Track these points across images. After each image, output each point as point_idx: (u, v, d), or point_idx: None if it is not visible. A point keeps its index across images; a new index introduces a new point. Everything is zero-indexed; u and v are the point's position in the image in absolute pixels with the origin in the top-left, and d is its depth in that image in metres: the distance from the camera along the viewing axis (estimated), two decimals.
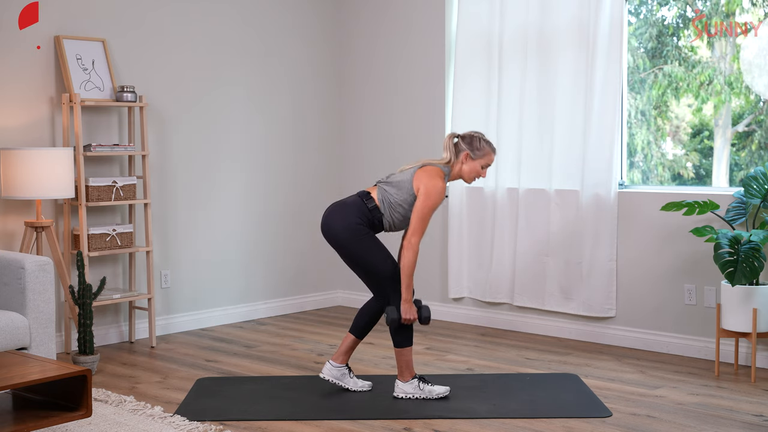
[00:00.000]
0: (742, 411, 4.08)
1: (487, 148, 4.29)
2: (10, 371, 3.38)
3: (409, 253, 4.11)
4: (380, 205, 4.20)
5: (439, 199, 4.15)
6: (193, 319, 5.94)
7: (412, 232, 4.13)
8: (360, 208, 4.20)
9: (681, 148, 5.65)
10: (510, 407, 4.12)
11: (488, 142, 4.31)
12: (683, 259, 5.14)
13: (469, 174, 4.29)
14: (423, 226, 4.14)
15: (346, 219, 4.18)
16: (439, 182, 4.16)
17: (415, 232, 4.13)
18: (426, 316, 4.22)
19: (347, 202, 4.26)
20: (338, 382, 4.38)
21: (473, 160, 4.27)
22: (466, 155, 4.25)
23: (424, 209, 4.13)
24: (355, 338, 4.39)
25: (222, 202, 6.07)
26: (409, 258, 4.12)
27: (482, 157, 4.28)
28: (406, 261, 4.12)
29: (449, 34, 6.12)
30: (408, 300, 4.16)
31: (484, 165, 4.29)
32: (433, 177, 4.17)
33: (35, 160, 4.75)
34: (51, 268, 4.19)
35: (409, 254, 4.11)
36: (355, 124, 6.68)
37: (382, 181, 4.29)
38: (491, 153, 4.30)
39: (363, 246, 4.17)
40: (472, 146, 4.26)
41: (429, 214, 4.14)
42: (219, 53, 6.01)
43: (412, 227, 4.14)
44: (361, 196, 4.25)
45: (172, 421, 3.87)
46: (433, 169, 4.21)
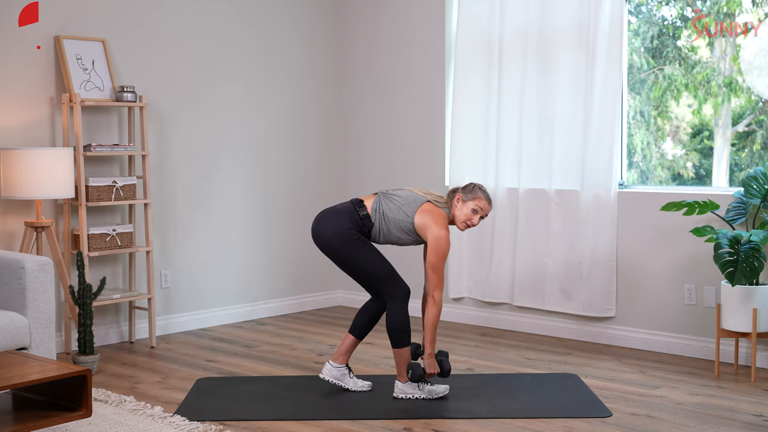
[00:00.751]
0: (742, 411, 4.08)
1: (479, 193, 4.24)
2: (10, 371, 3.38)
3: (435, 308, 4.17)
4: (372, 215, 4.21)
5: (447, 248, 4.17)
6: (193, 319, 5.94)
7: (433, 287, 4.16)
8: (351, 214, 4.21)
9: (681, 148, 5.65)
10: (510, 407, 4.12)
11: (484, 190, 4.27)
12: (683, 259, 5.14)
13: (460, 219, 4.24)
14: (441, 279, 4.17)
15: (337, 225, 4.19)
16: (444, 232, 4.16)
17: (437, 287, 4.16)
18: (447, 369, 4.29)
19: (338, 208, 4.27)
20: (338, 382, 4.38)
21: (464, 202, 4.23)
22: (458, 198, 4.24)
23: (438, 262, 4.15)
24: (355, 339, 4.40)
25: (222, 201, 6.07)
26: (434, 313, 4.17)
27: (473, 199, 4.22)
28: (430, 316, 4.17)
29: (449, 34, 6.12)
30: (431, 355, 4.22)
31: (475, 208, 4.22)
32: (439, 225, 4.16)
33: (35, 160, 4.75)
34: (51, 268, 4.19)
35: (435, 310, 4.17)
36: (355, 123, 6.68)
37: (384, 192, 4.28)
38: (483, 198, 4.24)
39: (354, 250, 4.18)
40: (465, 189, 4.26)
41: (442, 265, 4.17)
42: (219, 53, 6.01)
43: (431, 283, 4.16)
44: (353, 203, 4.26)
45: (172, 421, 3.87)
46: (440, 214, 4.20)
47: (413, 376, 4.19)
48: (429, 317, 4.17)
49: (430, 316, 4.17)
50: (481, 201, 4.24)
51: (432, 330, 4.19)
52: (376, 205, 4.21)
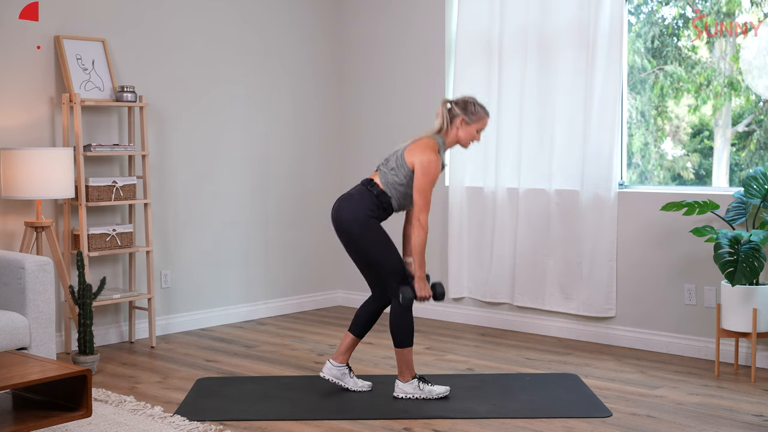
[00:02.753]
0: (742, 411, 4.08)
1: (482, 112, 4.29)
2: (10, 371, 3.38)
3: (421, 232, 4.13)
4: (385, 189, 4.21)
5: (435, 172, 4.16)
6: (193, 319, 5.94)
7: (419, 210, 4.14)
8: (367, 197, 4.21)
9: (681, 148, 5.65)
10: (510, 407, 4.12)
11: (482, 106, 4.31)
12: (683, 259, 5.14)
13: (465, 139, 4.30)
14: (427, 203, 4.15)
15: (356, 211, 4.20)
16: (432, 155, 4.15)
17: (422, 210, 4.14)
18: (441, 293, 4.25)
19: (353, 193, 4.27)
20: (338, 381, 4.38)
21: (468, 125, 4.27)
22: (461, 120, 4.26)
23: (423, 185, 4.13)
24: (355, 337, 4.40)
25: (222, 201, 6.07)
26: (420, 236, 4.14)
27: (477, 122, 4.28)
28: (417, 240, 4.14)
29: (449, 34, 6.12)
30: (422, 278, 4.20)
31: (479, 129, 4.30)
32: (425, 151, 4.16)
33: (35, 160, 4.75)
34: (51, 268, 4.19)
35: (421, 233, 4.14)
36: (356, 123, 6.68)
37: (381, 165, 4.29)
38: (485, 117, 4.31)
39: (371, 239, 4.19)
40: (466, 111, 4.27)
41: (429, 189, 4.15)
42: (219, 53, 6.01)
43: (417, 206, 4.14)
44: (365, 184, 4.26)
45: (172, 421, 3.87)
46: (425, 142, 4.21)
47: (404, 299, 4.15)
48: (416, 241, 4.14)
49: (416, 240, 4.14)
50: (485, 122, 4.31)
51: (420, 254, 4.16)
52: (383, 179, 4.22)
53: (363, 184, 4.27)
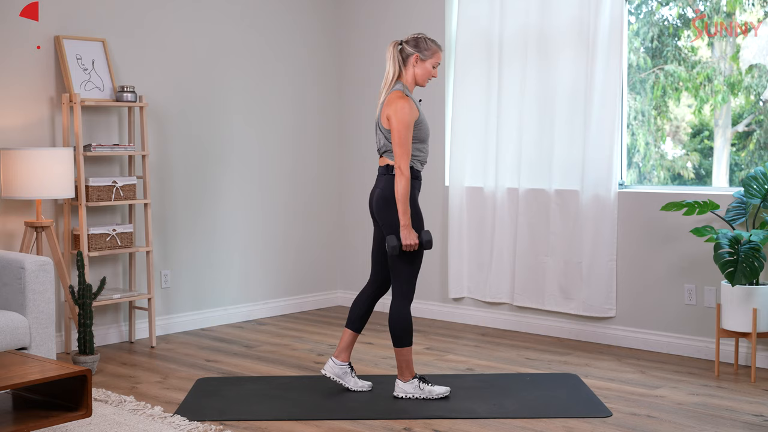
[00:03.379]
0: (742, 411, 4.08)
1: (434, 46, 4.26)
2: (10, 371, 3.38)
3: (402, 179, 4.09)
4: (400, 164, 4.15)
5: (409, 115, 4.11)
6: (193, 319, 5.94)
7: (398, 159, 4.10)
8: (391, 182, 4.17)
9: (681, 148, 5.65)
10: (510, 407, 4.12)
11: (433, 40, 4.28)
12: (683, 259, 5.14)
13: (422, 77, 4.25)
14: (405, 150, 4.10)
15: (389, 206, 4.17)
16: (399, 102, 4.13)
17: (401, 157, 4.10)
18: (428, 240, 4.18)
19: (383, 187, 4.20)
20: (339, 380, 4.38)
21: (423, 61, 4.24)
22: (416, 58, 4.23)
23: (399, 131, 4.09)
24: (353, 332, 4.40)
25: (222, 201, 6.07)
26: (402, 184, 4.09)
27: (431, 57, 4.25)
28: (399, 187, 4.09)
29: (449, 34, 6.12)
30: (406, 226, 4.12)
31: (434, 64, 4.26)
32: (393, 101, 4.15)
33: (35, 160, 4.75)
34: (51, 268, 4.19)
35: (402, 180, 4.09)
36: (356, 123, 6.68)
37: (378, 149, 4.28)
38: (439, 50, 4.27)
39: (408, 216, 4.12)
40: (419, 47, 4.23)
41: (406, 136, 4.10)
42: (219, 53, 6.01)
43: (396, 155, 4.10)
44: (383, 172, 4.22)
45: (172, 421, 3.87)
46: (392, 96, 4.18)
47: (389, 247, 4.12)
48: (398, 188, 4.09)
49: (398, 188, 4.09)
50: (439, 56, 4.26)
51: (403, 201, 4.10)
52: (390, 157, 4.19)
53: (382, 174, 4.24)
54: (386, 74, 4.26)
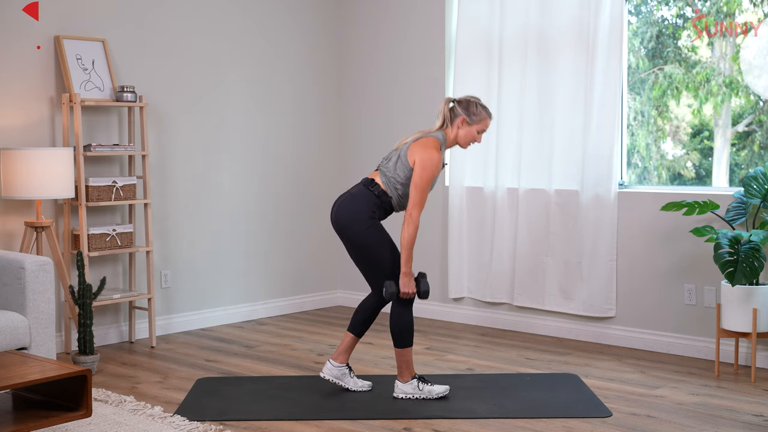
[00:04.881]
0: (742, 411, 4.08)
1: (484, 113, 4.27)
2: (10, 371, 3.38)
3: (410, 227, 4.09)
4: (386, 189, 4.20)
5: (435, 170, 4.13)
6: (193, 319, 5.94)
7: (412, 205, 4.11)
8: (367, 197, 4.20)
9: (681, 148, 5.65)
10: (510, 407, 4.12)
11: (485, 107, 4.29)
12: (683, 259, 5.14)
13: (464, 139, 4.27)
14: (422, 199, 4.12)
15: (356, 211, 4.19)
16: (433, 153, 4.13)
17: (415, 206, 4.11)
18: (425, 290, 4.19)
19: (353, 192, 4.26)
20: (338, 381, 4.38)
21: (469, 125, 4.25)
22: (462, 120, 4.24)
23: (421, 181, 4.11)
24: (354, 336, 4.39)
25: (222, 201, 6.07)
26: (409, 232, 4.09)
27: (479, 123, 4.26)
28: (406, 234, 4.10)
29: (449, 34, 6.12)
30: (407, 273, 4.14)
31: (480, 130, 4.28)
32: (427, 148, 4.14)
33: (35, 160, 4.75)
34: (51, 268, 4.19)
35: (410, 228, 4.09)
36: (356, 124, 6.68)
37: (382, 164, 4.28)
38: (487, 118, 4.29)
39: (371, 238, 4.17)
40: (468, 111, 4.25)
41: (427, 186, 4.13)
42: (219, 52, 6.01)
43: (411, 201, 4.12)
44: (365, 184, 4.24)
45: (172, 421, 3.87)
46: (428, 140, 4.19)
47: (387, 293, 4.13)
48: (404, 235, 4.09)
49: (405, 234, 4.09)
50: (487, 123, 4.28)
51: (408, 249, 4.10)
52: (384, 178, 4.21)
53: (363, 184, 4.25)
54: (436, 123, 4.28)
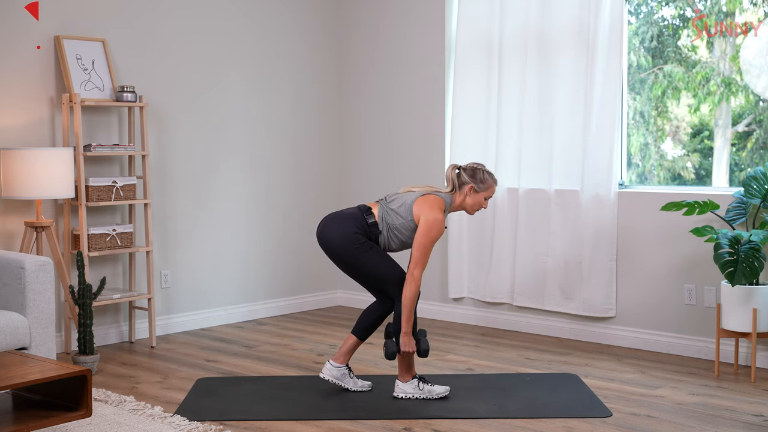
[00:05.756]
0: (742, 411, 4.08)
1: (490, 180, 4.31)
2: (10, 371, 3.38)
3: (412, 285, 4.11)
4: (379, 223, 4.20)
5: (439, 232, 4.14)
6: (193, 319, 5.94)
7: (414, 265, 4.12)
8: (358, 219, 4.20)
9: (681, 148, 5.65)
10: (510, 407, 4.12)
11: (490, 174, 4.33)
12: (683, 259, 5.14)
13: (472, 207, 4.32)
14: (425, 259, 4.14)
15: (344, 228, 4.18)
16: (439, 215, 4.15)
17: (417, 265, 4.12)
18: (425, 349, 4.22)
19: (345, 213, 4.26)
20: (338, 382, 4.38)
21: (477, 192, 4.28)
22: (470, 188, 4.27)
23: (425, 241, 4.12)
24: (357, 339, 4.39)
25: (222, 201, 6.07)
26: (411, 291, 4.11)
27: (486, 190, 4.31)
28: (408, 294, 4.11)
29: (449, 34, 6.12)
30: (407, 333, 4.16)
31: (486, 197, 4.33)
32: (433, 209, 4.15)
33: (35, 160, 4.75)
34: (51, 268, 4.19)
35: (412, 287, 4.11)
36: (356, 124, 6.68)
37: (384, 200, 4.27)
38: (494, 185, 4.33)
39: (359, 253, 4.16)
40: (475, 179, 4.28)
41: (430, 247, 4.15)
42: (219, 52, 6.01)
43: (413, 260, 4.13)
44: (361, 210, 4.24)
45: (172, 421, 3.87)
46: (435, 200, 4.19)
47: (386, 352, 4.16)
48: (406, 294, 4.10)
49: (407, 294, 4.10)
50: (493, 190, 4.33)
51: (409, 308, 4.12)
52: (382, 213, 4.21)
53: (359, 209, 4.25)
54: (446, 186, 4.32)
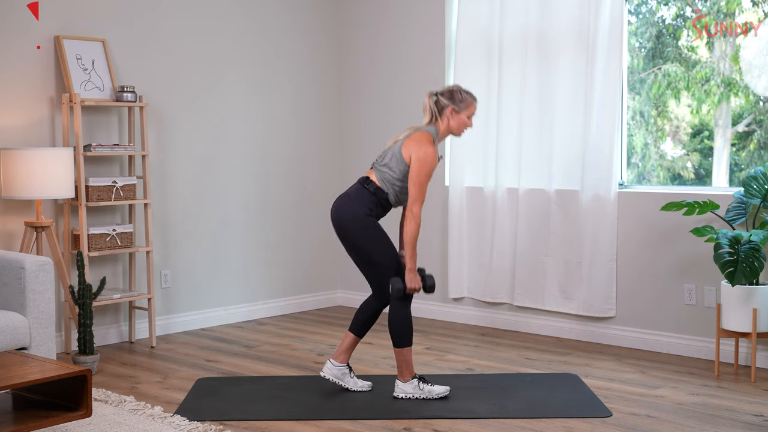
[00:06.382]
0: (742, 411, 4.08)
1: (469, 98, 4.30)
2: (10, 371, 3.38)
3: (413, 223, 4.13)
4: (382, 186, 4.22)
5: (432, 164, 4.16)
6: (193, 319, 5.94)
7: (412, 201, 4.15)
8: (364, 195, 4.22)
9: (681, 148, 5.65)
10: (510, 407, 4.12)
11: (468, 92, 4.32)
12: (683, 259, 5.14)
13: (458, 128, 4.30)
14: (422, 194, 4.15)
15: (354, 210, 4.21)
16: (429, 148, 4.16)
17: (416, 201, 4.14)
18: (431, 285, 4.24)
19: (350, 193, 4.28)
20: (338, 381, 4.38)
21: (458, 113, 4.27)
22: (451, 110, 4.26)
23: (420, 177, 4.14)
24: (355, 337, 4.40)
25: (222, 201, 6.07)
26: (412, 228, 4.14)
27: (466, 108, 4.29)
28: (409, 230, 4.14)
29: (449, 34, 6.12)
30: (412, 269, 4.18)
31: (469, 115, 4.31)
32: (422, 144, 4.17)
33: (35, 160, 4.75)
34: (51, 268, 4.19)
35: (413, 224, 4.14)
36: (356, 123, 6.68)
37: (377, 162, 4.29)
38: (474, 102, 4.31)
39: (369, 237, 4.19)
40: (454, 99, 4.27)
41: (426, 181, 4.16)
42: (219, 52, 6.01)
43: (411, 197, 4.15)
44: (361, 182, 4.27)
45: (172, 421, 3.87)
46: (422, 135, 4.22)
47: (393, 289, 4.16)
48: (408, 231, 4.14)
49: (408, 230, 4.14)
50: (474, 108, 4.31)
51: (412, 245, 4.15)
52: (379, 176, 4.22)
53: (360, 183, 4.28)
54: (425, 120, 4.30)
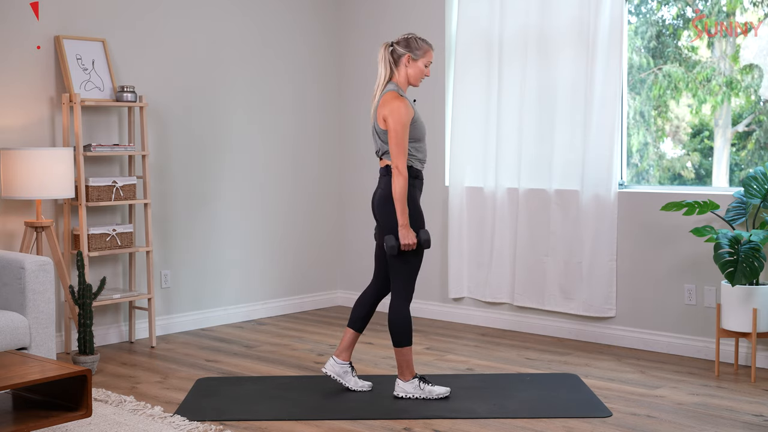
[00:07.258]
0: (742, 411, 4.08)
1: (425, 45, 4.26)
2: (10, 371, 3.38)
3: (399, 179, 4.10)
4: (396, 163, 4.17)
5: (405, 115, 4.12)
6: (193, 319, 5.94)
7: (395, 157, 4.11)
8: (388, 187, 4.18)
9: (681, 148, 5.65)
10: (510, 407, 4.12)
11: (424, 39, 4.28)
12: (683, 259, 5.14)
13: (415, 77, 4.25)
14: (401, 148, 4.11)
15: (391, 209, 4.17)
16: (396, 101, 4.13)
17: (398, 156, 4.10)
18: (426, 239, 4.18)
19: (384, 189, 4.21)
20: (339, 379, 4.38)
21: (415, 61, 4.23)
22: (407, 58, 4.22)
23: (396, 131, 4.10)
24: (355, 332, 4.40)
25: (222, 201, 6.07)
26: (399, 183, 4.10)
27: (423, 56, 4.24)
28: (397, 187, 4.10)
29: (449, 34, 6.12)
30: (405, 225, 4.13)
31: (426, 63, 4.26)
32: (388, 101, 4.15)
33: (35, 160, 4.75)
34: (51, 268, 4.19)
35: (400, 180, 4.10)
36: (356, 123, 6.68)
37: (376, 151, 4.29)
38: (430, 49, 4.27)
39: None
40: (410, 47, 4.23)
41: (403, 133, 4.11)
42: (219, 52, 6.01)
43: (392, 154, 4.12)
44: (384, 174, 4.23)
45: (172, 421, 3.87)
46: (384, 97, 4.18)
47: (387, 246, 4.14)
48: (395, 188, 4.10)
49: (396, 188, 4.10)
50: (430, 55, 4.26)
51: (401, 201, 4.11)
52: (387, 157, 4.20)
53: (383, 175, 4.25)
54: (378, 76, 4.26)
